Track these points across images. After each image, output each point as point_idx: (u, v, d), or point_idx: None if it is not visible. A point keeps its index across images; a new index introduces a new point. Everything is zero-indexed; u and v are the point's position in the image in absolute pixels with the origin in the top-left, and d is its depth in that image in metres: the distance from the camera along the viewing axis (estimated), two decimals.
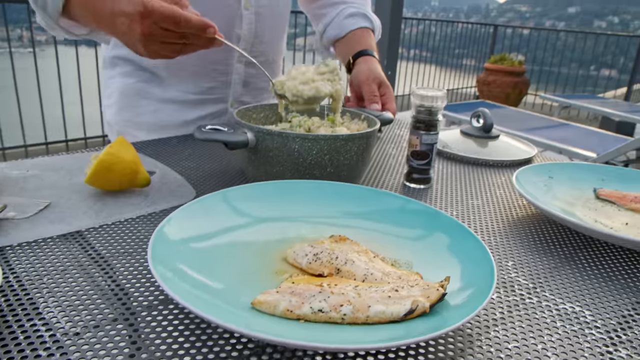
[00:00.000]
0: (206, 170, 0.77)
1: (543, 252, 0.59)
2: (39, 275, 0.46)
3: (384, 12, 3.55)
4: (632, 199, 0.73)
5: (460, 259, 0.48)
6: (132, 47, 0.70)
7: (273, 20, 1.02)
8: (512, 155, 0.95)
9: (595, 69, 8.87)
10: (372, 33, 1.08)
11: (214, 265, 0.46)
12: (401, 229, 0.56)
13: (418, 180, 0.78)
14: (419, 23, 7.18)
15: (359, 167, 0.73)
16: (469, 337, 0.42)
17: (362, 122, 0.82)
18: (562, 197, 0.74)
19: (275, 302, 0.40)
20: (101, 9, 0.69)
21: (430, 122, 0.74)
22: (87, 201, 0.60)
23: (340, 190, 0.62)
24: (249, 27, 0.98)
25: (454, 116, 2.84)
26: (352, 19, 1.06)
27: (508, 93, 5.91)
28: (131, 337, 0.38)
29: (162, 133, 0.97)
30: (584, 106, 4.12)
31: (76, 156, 0.76)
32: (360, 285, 0.43)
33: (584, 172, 0.81)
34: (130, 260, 0.49)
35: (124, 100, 1.00)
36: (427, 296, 0.41)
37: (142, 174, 0.63)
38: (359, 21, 1.06)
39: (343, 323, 0.39)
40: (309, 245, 0.50)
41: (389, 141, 1.04)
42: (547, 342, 0.42)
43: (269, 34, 1.02)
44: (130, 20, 0.65)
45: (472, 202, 0.73)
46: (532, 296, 0.49)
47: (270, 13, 1.00)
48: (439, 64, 7.98)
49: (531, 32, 8.48)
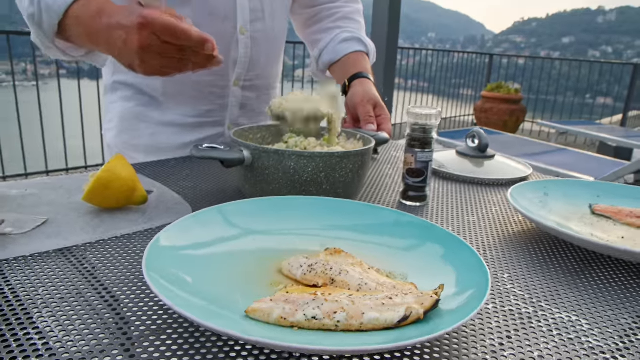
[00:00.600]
0: (203, 190, 0.78)
1: (539, 265, 0.59)
2: (34, 287, 0.46)
3: (379, 42, 3.62)
4: (627, 213, 0.74)
5: (454, 267, 0.48)
6: (128, 63, 0.69)
7: (268, 45, 1.05)
8: (507, 174, 0.95)
9: (591, 97, 8.98)
10: (367, 56, 1.10)
11: (208, 275, 0.46)
12: (395, 240, 0.56)
13: (414, 198, 0.78)
14: (415, 54, 7.32)
15: (355, 184, 0.74)
16: (464, 344, 0.41)
17: (357, 142, 0.83)
18: (557, 213, 0.74)
19: (269, 309, 0.40)
20: (97, 25, 0.69)
21: (425, 140, 0.76)
22: (85, 218, 0.60)
23: (335, 206, 0.62)
24: (244, 51, 1.00)
25: (451, 142, 2.87)
26: (347, 43, 1.09)
27: (505, 120, 5.97)
28: (124, 345, 0.38)
29: (160, 155, 0.99)
30: (581, 132, 4.16)
31: (75, 177, 0.77)
32: (354, 295, 0.43)
33: (579, 189, 0.82)
34: (126, 273, 0.49)
35: (124, 124, 1.02)
36: (421, 303, 0.41)
37: (139, 191, 0.64)
38: (354, 45, 1.08)
39: (337, 330, 0.39)
40: (304, 257, 0.51)
41: (386, 162, 1.05)
42: (543, 350, 0.42)
43: (264, 58, 1.05)
44: (127, 33, 0.64)
45: (467, 218, 0.74)
46: (527, 306, 0.49)
47: (265, 38, 1.03)
48: (437, 93, 8.10)
49: (526, 61, 8.63)
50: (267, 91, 1.11)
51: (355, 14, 1.16)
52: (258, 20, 1.00)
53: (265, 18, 1.02)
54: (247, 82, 1.05)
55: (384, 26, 3.56)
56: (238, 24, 0.97)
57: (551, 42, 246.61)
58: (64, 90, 3.59)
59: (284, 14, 1.08)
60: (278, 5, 1.04)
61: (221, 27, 0.96)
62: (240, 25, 0.98)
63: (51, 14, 0.72)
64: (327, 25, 1.13)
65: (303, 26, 1.19)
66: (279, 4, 1.04)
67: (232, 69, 1.01)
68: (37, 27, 0.75)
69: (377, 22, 3.64)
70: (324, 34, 1.12)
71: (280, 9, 1.06)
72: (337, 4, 1.15)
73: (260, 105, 1.10)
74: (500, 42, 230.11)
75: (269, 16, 1.02)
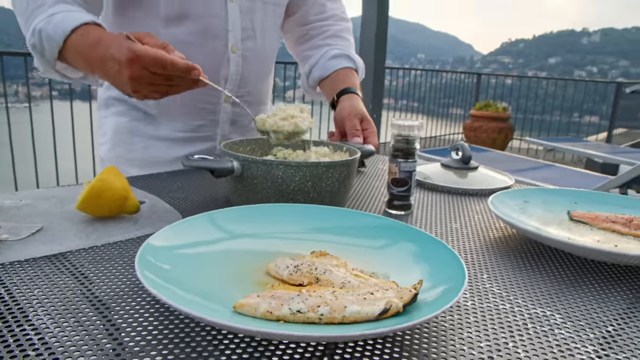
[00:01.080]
0: (194, 201, 0.80)
1: (517, 266, 0.61)
2: (29, 289, 0.47)
3: (367, 62, 3.69)
4: (603, 219, 0.76)
5: (432, 264, 0.51)
6: (122, 89, 0.76)
7: (259, 63, 1.08)
8: (490, 185, 0.98)
9: (578, 116, 9.16)
10: (356, 73, 1.14)
11: (197, 275, 0.48)
12: (376, 242, 0.59)
13: (399, 207, 0.81)
14: (405, 74, 7.45)
15: (341, 193, 0.77)
16: (442, 337, 0.44)
17: (344, 153, 0.86)
18: (536, 219, 0.77)
19: (256, 304, 0.42)
20: (94, 55, 0.75)
21: (408, 151, 0.79)
22: (78, 226, 0.62)
23: (320, 212, 0.65)
24: (235, 69, 1.04)
25: (439, 158, 2.91)
26: (336, 59, 1.12)
27: (494, 138, 6.06)
28: (112, 335, 0.39)
29: (153, 169, 1.01)
30: (568, 149, 4.23)
31: (67, 188, 0.79)
32: (337, 291, 0.45)
33: (558, 196, 0.85)
34: (119, 277, 0.51)
35: (117, 138, 1.05)
36: (400, 297, 0.43)
37: (131, 200, 0.66)
38: (343, 62, 1.12)
39: (320, 323, 0.41)
40: (291, 258, 0.53)
41: (373, 175, 1.08)
42: (517, 341, 0.44)
43: (254, 75, 1.08)
44: (119, 65, 0.70)
45: (450, 225, 0.76)
46: (505, 303, 0.51)
47: (256, 56, 1.06)
48: (427, 113, 8.22)
49: (514, 81, 8.80)
50: (258, 107, 1.14)
51: (345, 32, 1.21)
52: (249, 38, 1.04)
53: (256, 37, 1.05)
54: (238, 99, 1.08)
55: (371, 46, 3.64)
56: (229, 42, 1.01)
57: (538, 63, 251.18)
58: (56, 112, 3.61)
59: (275, 32, 1.12)
60: (269, 25, 1.08)
61: (213, 46, 1.00)
62: (231, 43, 1.01)
63: (52, 44, 0.78)
64: (317, 42, 1.17)
65: (294, 43, 1.23)
66: (270, 23, 1.08)
67: (223, 85, 1.04)
68: (40, 55, 0.81)
69: (364, 42, 3.72)
70: (314, 50, 1.16)
71: (272, 28, 1.10)
72: (327, 22, 1.19)
73: (251, 120, 1.13)
74: (488, 63, 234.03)
75: (260, 35, 1.06)
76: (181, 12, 0.95)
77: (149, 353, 0.38)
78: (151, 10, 0.95)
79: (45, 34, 0.78)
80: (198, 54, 0.98)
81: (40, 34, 0.78)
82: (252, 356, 0.38)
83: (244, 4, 1.01)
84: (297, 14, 1.18)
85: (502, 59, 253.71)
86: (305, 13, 1.17)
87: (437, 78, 8.22)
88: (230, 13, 0.99)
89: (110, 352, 0.38)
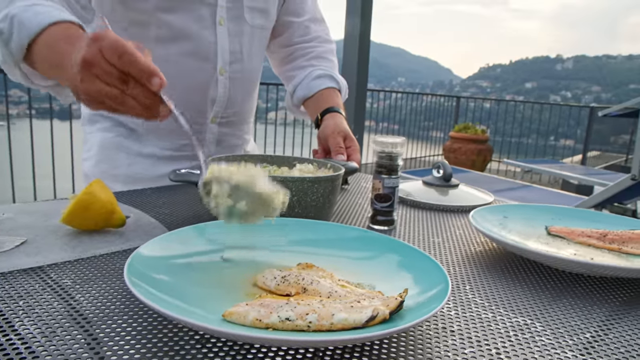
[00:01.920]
0: (180, 216, 0.80)
1: (498, 278, 0.63)
2: (14, 300, 0.47)
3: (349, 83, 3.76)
4: (579, 233, 0.79)
5: (416, 273, 0.52)
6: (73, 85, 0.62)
7: (245, 84, 1.10)
8: (470, 202, 1.01)
9: (554, 139, 9.40)
10: (339, 92, 1.17)
11: (185, 287, 0.48)
12: (361, 253, 0.60)
13: (382, 222, 0.82)
14: (386, 97, 7.57)
15: (325, 209, 0.78)
16: (428, 344, 0.45)
17: (328, 170, 0.88)
18: (516, 233, 0.79)
19: (245, 312, 0.42)
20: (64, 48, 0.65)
21: (391, 167, 0.80)
22: (63, 239, 0.61)
23: (305, 225, 0.66)
24: (223, 91, 1.05)
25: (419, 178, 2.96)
26: (320, 80, 1.15)
27: (473, 160, 6.17)
28: (90, 344, 0.39)
29: (137, 185, 1.01)
30: (545, 170, 4.34)
31: (49, 202, 0.78)
32: (325, 300, 0.46)
33: (537, 212, 0.87)
34: (105, 288, 0.51)
35: (103, 153, 1.04)
36: (387, 305, 0.44)
37: (117, 214, 0.66)
38: (326, 82, 1.15)
39: (309, 330, 0.42)
40: (278, 269, 0.53)
41: (356, 193, 1.09)
42: (500, 348, 0.45)
43: (241, 97, 1.10)
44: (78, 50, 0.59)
45: (432, 239, 0.78)
46: (487, 312, 0.53)
47: (242, 78, 1.08)
48: (407, 135, 8.34)
49: (492, 104, 9.01)
50: (242, 126, 1.16)
51: (328, 53, 1.24)
52: (237, 61, 1.06)
53: (244, 59, 1.07)
54: (224, 119, 1.09)
55: (353, 68, 3.71)
56: (218, 65, 1.02)
57: (515, 87, 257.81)
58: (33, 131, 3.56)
59: (261, 54, 1.15)
60: (256, 48, 1.10)
61: (202, 68, 1.01)
62: (220, 66, 1.03)
63: (22, 33, 0.70)
64: (302, 63, 1.20)
65: (279, 64, 1.25)
66: (256, 46, 1.10)
67: (211, 107, 1.05)
68: (4, 44, 0.72)
69: (347, 64, 3.79)
70: (299, 71, 1.19)
71: (258, 50, 1.12)
72: (311, 43, 1.22)
73: (236, 139, 1.15)
74: (467, 87, 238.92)
75: (247, 58, 1.08)
76: (172, 34, 0.97)
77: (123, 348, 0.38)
78: (142, 30, 0.96)
79: (17, 20, 0.69)
80: (187, 75, 1.00)
81: (13, 19, 0.70)
82: None
83: (232, 28, 1.03)
84: (282, 36, 1.20)
85: (480, 83, 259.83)
86: (290, 35, 1.20)
87: (417, 101, 8.38)
88: (219, 37, 1.01)
89: (95, 356, 0.38)
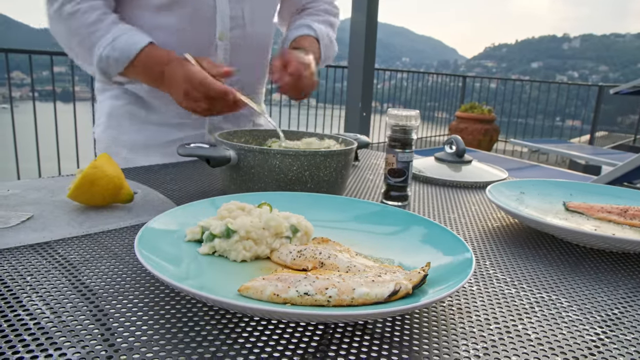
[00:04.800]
0: (189, 192, 0.78)
1: (518, 254, 0.61)
2: (22, 276, 0.45)
3: (356, 65, 3.72)
4: (599, 209, 0.77)
5: (437, 248, 0.50)
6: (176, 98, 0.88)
7: (249, 52, 1.07)
8: (484, 178, 0.98)
9: (560, 120, 9.29)
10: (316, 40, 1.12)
11: (198, 261, 0.46)
12: (380, 227, 0.58)
13: (396, 198, 0.80)
14: (391, 77, 7.48)
15: (338, 184, 0.76)
16: (452, 318, 0.43)
17: (340, 145, 0.85)
18: (534, 209, 0.77)
19: (262, 287, 0.41)
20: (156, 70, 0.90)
21: (406, 141, 0.78)
22: (70, 214, 0.60)
23: (321, 200, 0.64)
24: (223, 56, 1.03)
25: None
26: (297, 30, 1.13)
27: (480, 140, 6.11)
28: (101, 320, 0.38)
29: (142, 152, 1.02)
30: (552, 150, 4.29)
31: (57, 178, 0.76)
32: (344, 274, 0.44)
33: (553, 188, 0.85)
34: (114, 263, 0.49)
35: (111, 120, 1.06)
36: (409, 279, 0.42)
37: (125, 189, 0.64)
38: (303, 30, 1.12)
39: (329, 305, 0.40)
40: (293, 244, 0.52)
41: (367, 168, 1.07)
42: (526, 323, 0.43)
43: (244, 63, 1.06)
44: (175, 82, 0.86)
45: (448, 215, 0.76)
46: (510, 288, 0.51)
47: (245, 44, 1.06)
48: None
49: (498, 84, 8.89)
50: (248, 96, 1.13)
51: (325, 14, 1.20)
52: (238, 27, 1.03)
53: (246, 25, 1.04)
54: None
55: (360, 48, 3.65)
56: (217, 30, 1.00)
57: (521, 67, 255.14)
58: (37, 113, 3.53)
59: (267, 21, 1.11)
60: (260, 14, 1.07)
61: (201, 33, 1.00)
62: (219, 31, 1.01)
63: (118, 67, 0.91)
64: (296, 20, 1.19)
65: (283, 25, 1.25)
66: (261, 12, 1.07)
67: None
68: (103, 74, 0.93)
69: (354, 45, 3.73)
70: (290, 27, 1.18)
71: (263, 17, 1.09)
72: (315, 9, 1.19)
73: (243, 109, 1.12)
74: (472, 67, 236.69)
75: (250, 23, 1.05)
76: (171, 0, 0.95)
77: (135, 323, 0.36)
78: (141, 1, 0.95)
79: (112, 59, 0.90)
80: (186, 40, 0.98)
81: (108, 59, 0.90)
82: (260, 339, 0.37)
83: None
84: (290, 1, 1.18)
85: (485, 63, 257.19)
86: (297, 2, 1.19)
87: (422, 81, 8.27)
88: (218, 1, 0.99)
89: (105, 332, 0.36)
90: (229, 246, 0.48)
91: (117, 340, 0.35)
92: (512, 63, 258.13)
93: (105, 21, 0.91)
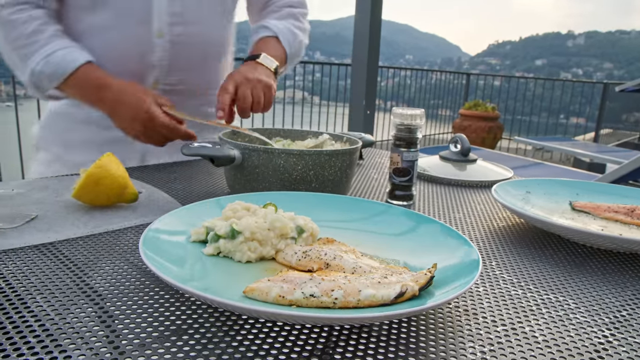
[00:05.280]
0: (193, 191, 0.78)
1: (524, 254, 0.61)
2: (27, 276, 0.45)
3: (360, 62, 3.71)
4: (605, 209, 0.76)
5: (444, 249, 0.50)
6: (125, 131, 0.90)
7: (193, 50, 1.02)
8: (490, 177, 0.98)
9: (565, 117, 9.25)
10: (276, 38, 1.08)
11: (203, 262, 0.46)
12: (385, 228, 0.57)
13: (401, 197, 0.80)
14: (394, 74, 7.46)
15: (342, 183, 0.75)
16: (458, 320, 0.42)
17: (344, 144, 0.85)
18: (540, 209, 0.76)
19: (267, 288, 0.40)
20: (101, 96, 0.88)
21: (411, 140, 0.77)
22: (75, 214, 0.60)
23: (326, 200, 0.63)
24: (161, 55, 0.98)
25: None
26: (255, 35, 1.10)
27: (483, 137, 6.09)
28: (106, 321, 0.38)
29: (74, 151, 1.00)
30: (557, 148, 4.27)
31: (62, 178, 0.76)
32: (349, 276, 0.44)
33: (559, 187, 0.84)
34: (118, 264, 0.49)
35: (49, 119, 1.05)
36: (416, 280, 0.42)
37: (130, 189, 0.64)
38: (260, 32, 1.09)
39: (334, 307, 0.40)
40: (299, 245, 0.51)
41: (371, 167, 1.07)
42: (533, 325, 0.43)
43: (187, 63, 1.02)
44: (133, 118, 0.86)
45: (453, 215, 0.75)
46: (516, 289, 0.50)
47: (189, 42, 1.00)
48: None
49: (502, 82, 8.86)
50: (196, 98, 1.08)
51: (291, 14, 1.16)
52: (178, 24, 0.98)
53: (187, 22, 0.99)
54: (168, 87, 1.01)
55: (364, 46, 3.64)
56: (154, 26, 0.95)
57: (525, 64, 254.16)
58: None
59: (216, 18, 1.06)
60: (207, 11, 1.02)
61: (136, 30, 0.95)
62: (156, 28, 0.96)
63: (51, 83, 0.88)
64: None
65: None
66: (208, 10, 1.02)
67: (150, 72, 0.99)
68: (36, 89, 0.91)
69: (357, 42, 3.72)
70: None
71: (210, 13, 1.03)
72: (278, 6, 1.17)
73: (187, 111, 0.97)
74: (476, 64, 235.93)
75: (193, 21, 1.00)
76: None
77: (140, 325, 0.36)
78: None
79: (45, 75, 0.88)
80: (120, 39, 0.94)
81: (40, 75, 0.88)
82: (265, 341, 0.37)
83: None
84: None
85: (489, 60, 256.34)
86: None
87: (426, 79, 8.25)
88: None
89: (111, 334, 0.36)
90: (234, 247, 0.48)
91: (122, 343, 0.35)
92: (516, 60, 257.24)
93: (45, 32, 0.88)
